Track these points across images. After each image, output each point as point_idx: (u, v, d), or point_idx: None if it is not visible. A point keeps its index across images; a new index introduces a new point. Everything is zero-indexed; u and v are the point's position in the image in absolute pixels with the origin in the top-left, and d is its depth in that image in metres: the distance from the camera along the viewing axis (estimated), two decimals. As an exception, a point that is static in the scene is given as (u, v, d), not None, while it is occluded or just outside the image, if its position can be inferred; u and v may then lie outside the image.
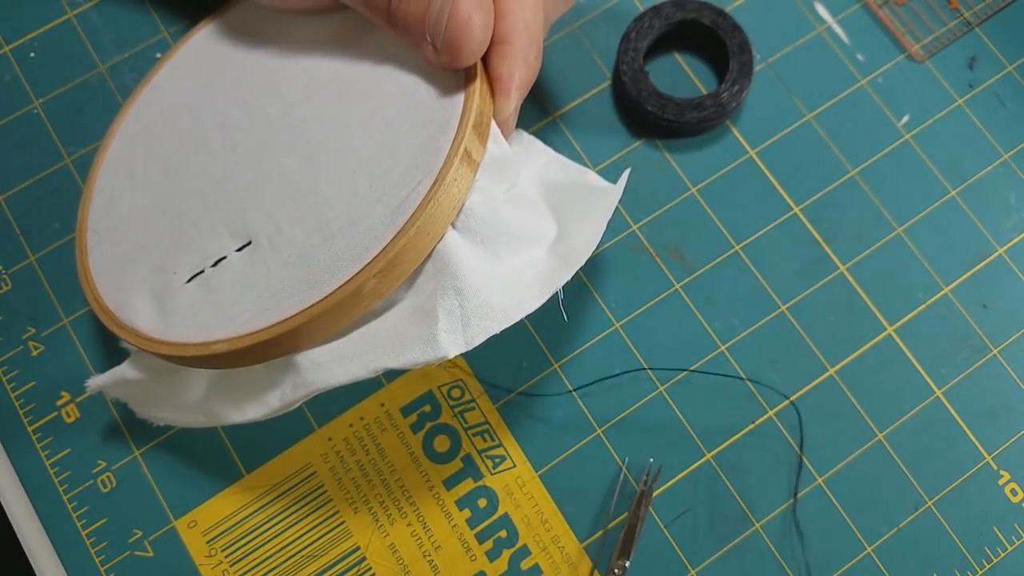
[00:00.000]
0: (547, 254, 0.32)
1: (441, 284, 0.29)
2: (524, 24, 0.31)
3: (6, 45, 0.42)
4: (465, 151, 0.29)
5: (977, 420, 0.37)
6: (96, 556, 0.35)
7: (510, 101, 0.31)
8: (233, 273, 0.31)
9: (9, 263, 0.39)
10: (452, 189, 0.29)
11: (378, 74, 0.33)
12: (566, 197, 0.33)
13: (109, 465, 0.36)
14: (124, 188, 0.35)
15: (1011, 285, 0.39)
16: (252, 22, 0.37)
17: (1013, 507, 0.36)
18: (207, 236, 0.32)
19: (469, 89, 0.30)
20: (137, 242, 0.34)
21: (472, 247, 0.30)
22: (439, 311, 0.29)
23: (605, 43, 0.42)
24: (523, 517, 0.36)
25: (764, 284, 0.39)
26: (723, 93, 0.39)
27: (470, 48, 0.30)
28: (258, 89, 0.35)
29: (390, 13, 0.31)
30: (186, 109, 0.36)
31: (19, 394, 0.37)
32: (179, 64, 0.38)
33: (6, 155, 0.40)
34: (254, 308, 0.30)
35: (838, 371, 0.38)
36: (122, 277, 0.33)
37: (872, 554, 0.35)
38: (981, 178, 0.40)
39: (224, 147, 0.34)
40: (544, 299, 0.30)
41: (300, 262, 0.30)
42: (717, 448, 0.37)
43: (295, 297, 0.29)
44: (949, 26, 0.42)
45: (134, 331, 0.32)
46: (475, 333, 0.29)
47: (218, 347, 0.29)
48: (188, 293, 0.31)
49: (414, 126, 0.31)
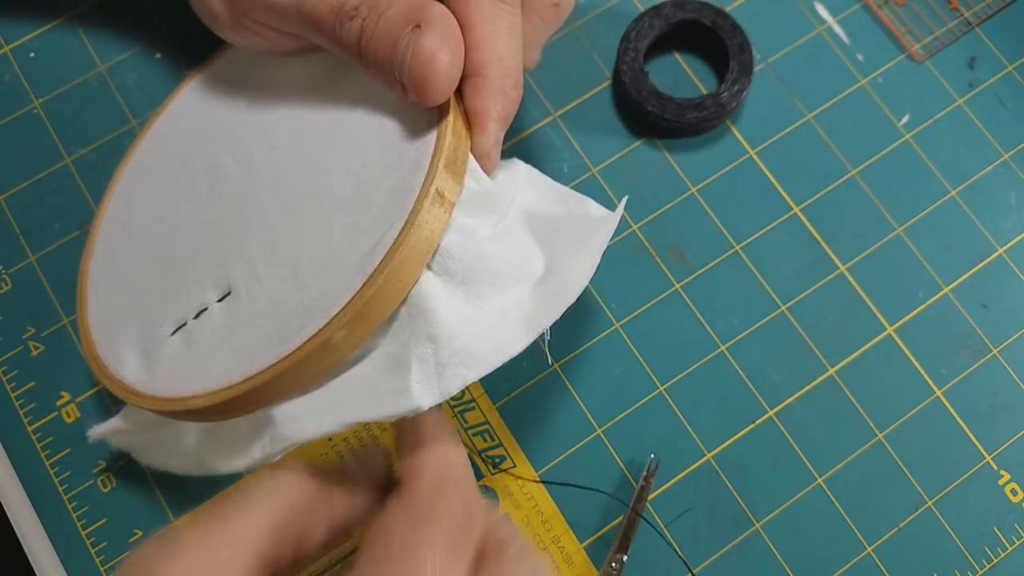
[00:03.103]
0: (535, 290, 0.30)
1: (415, 331, 0.28)
2: (497, 56, 0.30)
3: (6, 45, 0.42)
4: (437, 191, 0.28)
5: (977, 420, 0.37)
6: (96, 556, 0.35)
7: (488, 135, 0.30)
8: (213, 326, 0.30)
9: (9, 263, 0.39)
10: (424, 231, 0.27)
11: (356, 115, 0.32)
12: (562, 230, 0.32)
13: (109, 465, 0.36)
14: (121, 239, 0.35)
15: (1011, 285, 0.39)
16: (240, 68, 0.37)
17: (1013, 507, 0.36)
18: (191, 287, 0.32)
19: (440, 126, 0.29)
20: (131, 294, 0.33)
21: (450, 290, 0.28)
22: (412, 360, 0.27)
23: (605, 43, 0.42)
24: (523, 517, 0.36)
25: (764, 284, 0.39)
26: (723, 93, 0.40)
27: (437, 85, 0.28)
28: (246, 135, 0.34)
29: (361, 52, 0.30)
30: (181, 157, 0.36)
31: (19, 394, 0.37)
32: (175, 111, 0.38)
33: (6, 155, 0.40)
34: (229, 362, 0.29)
35: (838, 371, 0.38)
36: (115, 329, 0.33)
37: (872, 554, 0.35)
38: (981, 178, 0.40)
39: (212, 195, 0.33)
40: (529, 340, 0.28)
41: (273, 313, 0.29)
42: (717, 448, 0.37)
43: (266, 351, 0.28)
44: (949, 26, 0.42)
45: (123, 384, 0.31)
46: (450, 382, 0.27)
47: (196, 402, 0.28)
48: (172, 346, 0.31)
49: (388, 167, 0.29)
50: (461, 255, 0.28)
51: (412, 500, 0.26)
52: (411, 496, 0.26)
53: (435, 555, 0.25)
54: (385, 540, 0.25)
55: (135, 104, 0.41)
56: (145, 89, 0.41)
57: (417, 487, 0.27)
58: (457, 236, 0.29)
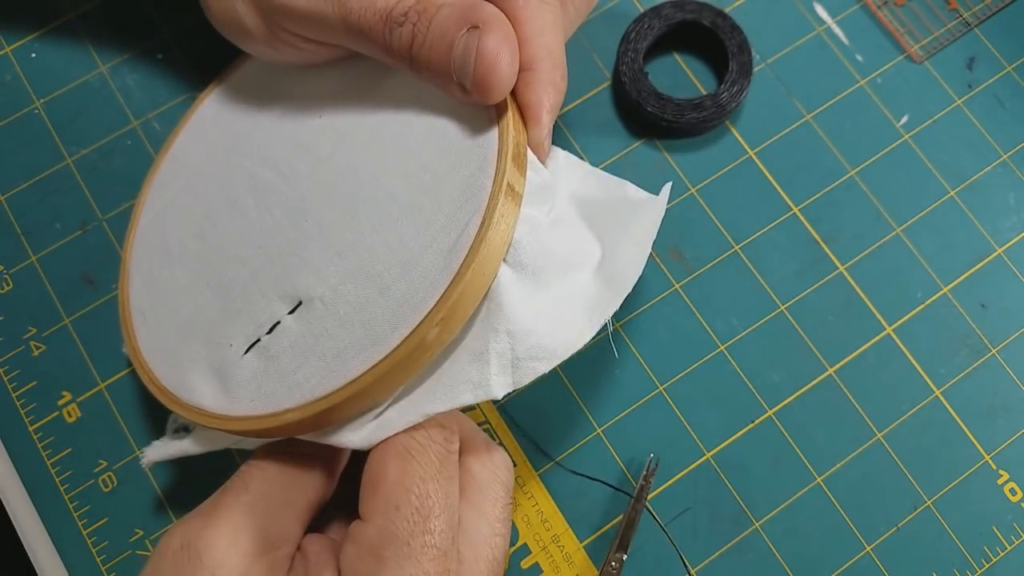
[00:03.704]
0: (593, 278, 0.31)
1: (493, 326, 0.28)
2: (547, 49, 0.30)
3: (7, 46, 0.42)
4: (508, 185, 0.28)
5: (976, 420, 0.37)
6: (97, 555, 0.35)
7: (542, 127, 0.31)
8: (291, 339, 0.30)
9: (10, 263, 0.39)
10: (501, 226, 0.28)
11: (404, 117, 0.32)
12: (606, 213, 0.33)
13: (110, 465, 0.36)
14: (162, 264, 0.34)
15: (1010, 285, 0.39)
16: (262, 79, 0.37)
17: (1012, 506, 0.36)
18: (256, 303, 0.31)
19: (502, 122, 0.30)
20: (185, 317, 0.33)
21: (523, 282, 0.29)
22: (491, 354, 0.28)
23: (605, 44, 0.42)
24: (523, 516, 0.36)
25: (763, 284, 0.39)
26: (722, 94, 0.40)
27: (501, 84, 0.29)
28: (284, 147, 0.34)
29: (412, 58, 0.30)
30: (213, 177, 0.35)
31: (20, 394, 0.37)
32: (195, 131, 0.37)
33: (7, 155, 0.40)
34: (320, 372, 0.29)
35: (837, 371, 0.38)
36: (176, 356, 0.32)
37: (871, 553, 0.35)
38: (980, 178, 0.40)
39: (259, 210, 0.33)
40: (593, 331, 0.29)
41: (358, 319, 0.29)
42: (716, 447, 0.37)
43: (359, 356, 0.28)
44: (948, 27, 0.42)
45: (199, 410, 0.31)
46: (523, 374, 0.28)
47: (289, 416, 0.28)
48: (249, 364, 0.30)
49: (452, 166, 0.30)
50: (530, 246, 0.29)
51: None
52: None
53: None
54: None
55: (136, 105, 0.41)
56: (146, 90, 0.41)
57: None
58: (525, 228, 0.29)
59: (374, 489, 0.27)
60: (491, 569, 0.29)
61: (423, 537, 0.27)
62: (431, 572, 0.26)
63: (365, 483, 0.28)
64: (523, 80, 0.30)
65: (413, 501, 0.27)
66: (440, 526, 0.27)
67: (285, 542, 0.28)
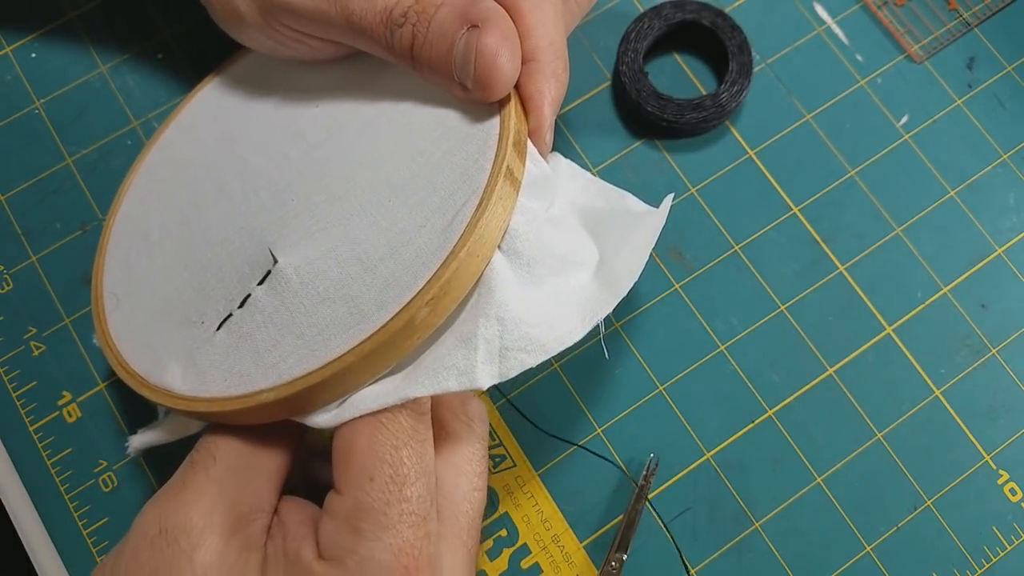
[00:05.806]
0: (589, 279, 0.30)
1: (484, 311, 0.28)
2: (548, 40, 0.31)
3: (7, 45, 0.42)
4: (507, 169, 0.28)
5: (976, 420, 0.37)
6: (97, 556, 0.35)
7: (544, 118, 0.31)
8: (265, 314, 0.29)
9: (10, 263, 0.39)
10: (498, 208, 0.28)
11: (402, 106, 0.32)
12: (605, 222, 0.32)
13: (110, 464, 0.36)
14: (141, 248, 0.34)
15: (1010, 285, 0.39)
16: (260, 73, 0.37)
17: (1012, 506, 0.36)
18: (231, 279, 0.31)
19: (504, 110, 0.30)
20: (161, 299, 0.32)
21: (517, 271, 0.29)
22: (479, 339, 0.27)
23: (605, 43, 0.42)
24: (523, 516, 0.36)
25: (763, 284, 0.39)
26: (723, 94, 0.40)
27: (502, 82, 0.29)
28: (277, 135, 0.34)
29: (414, 58, 0.30)
30: (202, 164, 0.35)
31: (20, 394, 0.37)
32: (188, 121, 0.37)
33: (7, 155, 0.40)
34: (298, 351, 0.28)
35: (837, 371, 0.38)
36: (148, 337, 0.31)
37: (871, 553, 0.36)
38: (980, 178, 0.40)
39: (246, 194, 0.33)
40: (584, 331, 0.29)
41: (340, 296, 0.28)
42: (716, 447, 0.37)
43: (342, 335, 0.27)
44: (948, 27, 0.42)
45: (167, 392, 0.29)
46: (511, 365, 0.28)
47: (264, 397, 0.27)
48: (220, 342, 0.29)
49: (450, 149, 0.30)
50: (527, 235, 0.29)
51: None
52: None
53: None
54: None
55: (136, 105, 0.41)
56: (146, 90, 0.41)
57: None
58: (522, 217, 0.29)
59: (347, 460, 0.27)
60: (471, 524, 0.29)
61: (400, 506, 0.26)
62: (410, 539, 0.26)
63: (336, 453, 0.27)
64: (525, 71, 0.30)
65: (387, 471, 0.26)
66: (417, 492, 0.27)
67: (259, 511, 0.28)
